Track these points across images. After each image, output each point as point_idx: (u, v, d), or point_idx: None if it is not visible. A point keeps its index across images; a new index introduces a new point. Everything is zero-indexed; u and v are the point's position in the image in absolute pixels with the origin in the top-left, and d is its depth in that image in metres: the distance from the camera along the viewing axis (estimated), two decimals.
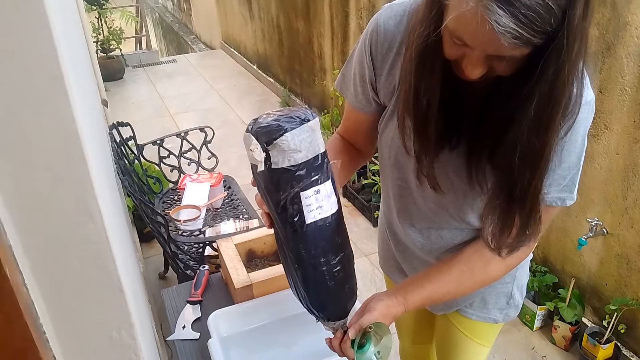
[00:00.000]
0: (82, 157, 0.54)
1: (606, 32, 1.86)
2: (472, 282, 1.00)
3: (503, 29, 0.66)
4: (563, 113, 0.76)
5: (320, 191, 0.80)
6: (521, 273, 1.19)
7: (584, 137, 0.86)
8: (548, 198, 0.90)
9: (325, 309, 0.93)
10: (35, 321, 0.56)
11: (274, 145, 0.76)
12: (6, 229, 0.53)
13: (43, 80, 0.50)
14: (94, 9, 5.56)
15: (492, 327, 1.24)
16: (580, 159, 0.88)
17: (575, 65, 0.72)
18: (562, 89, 0.73)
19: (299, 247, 0.84)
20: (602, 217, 2.06)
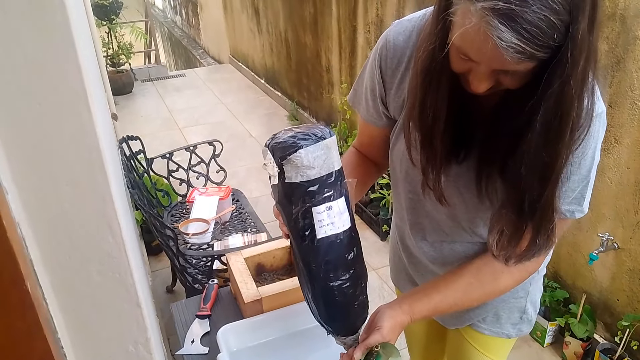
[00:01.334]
0: (103, 171, 0.55)
1: (616, 46, 1.86)
2: (480, 293, 0.99)
3: (506, 44, 0.67)
4: (573, 126, 0.76)
5: (332, 207, 0.83)
6: (535, 288, 1.18)
7: (595, 150, 0.86)
8: (557, 211, 0.87)
9: (334, 323, 0.94)
10: (53, 336, 0.56)
11: (288, 160, 0.79)
12: (28, 244, 0.53)
13: (68, 96, 0.51)
14: (104, 24, 5.64)
15: (504, 343, 1.23)
16: (590, 172, 0.87)
17: (582, 79, 0.72)
18: (569, 102, 0.73)
19: (310, 260, 0.86)
20: (613, 232, 2.04)
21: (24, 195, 0.54)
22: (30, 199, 0.54)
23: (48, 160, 0.54)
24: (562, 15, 0.66)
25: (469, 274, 0.99)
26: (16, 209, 0.53)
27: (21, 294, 0.49)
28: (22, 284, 0.48)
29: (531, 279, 1.14)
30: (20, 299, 0.49)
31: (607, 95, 1.94)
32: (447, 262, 1.10)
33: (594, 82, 0.77)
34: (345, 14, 3.74)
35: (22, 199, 0.54)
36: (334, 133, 0.86)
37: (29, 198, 0.54)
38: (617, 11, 1.83)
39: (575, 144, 0.80)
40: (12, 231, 0.49)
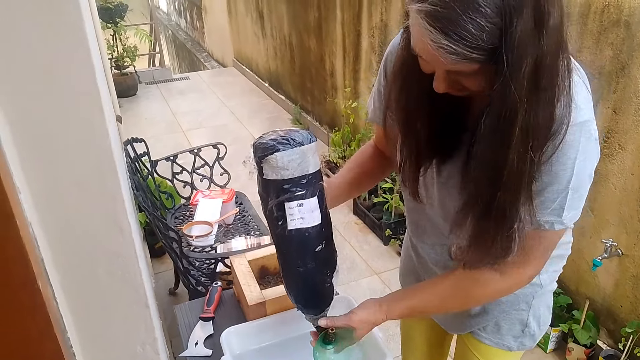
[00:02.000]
0: (114, 172, 0.55)
1: (620, 52, 1.86)
2: (455, 302, 1.04)
3: (436, 45, 0.70)
4: (529, 132, 0.74)
5: (303, 205, 0.94)
6: (538, 302, 1.15)
7: (575, 161, 0.82)
8: (536, 222, 0.86)
9: (301, 302, 1.07)
10: (63, 335, 0.56)
11: (266, 160, 0.92)
12: (39, 244, 0.54)
13: (81, 97, 0.52)
14: (109, 26, 5.66)
15: (506, 355, 1.21)
16: (570, 183, 0.84)
17: (534, 83, 0.71)
18: (512, 106, 0.71)
19: (281, 246, 1.00)
20: (617, 238, 2.04)
21: (36, 196, 0.54)
22: (42, 199, 0.54)
23: (60, 160, 0.54)
24: (491, 18, 0.66)
25: (447, 281, 1.01)
26: (29, 209, 0.53)
27: (32, 293, 0.49)
28: (33, 283, 0.49)
29: (534, 293, 1.12)
30: (32, 298, 0.49)
31: (611, 101, 1.94)
32: (448, 265, 1.10)
33: (569, 89, 0.76)
34: (349, 19, 3.75)
35: (34, 199, 0.54)
36: (315, 140, 0.97)
37: (41, 198, 0.54)
38: (622, 17, 1.83)
39: (545, 151, 0.79)
40: (25, 231, 0.49)
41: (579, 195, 0.86)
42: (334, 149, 3.91)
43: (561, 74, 0.75)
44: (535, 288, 1.11)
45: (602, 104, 1.98)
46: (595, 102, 1.37)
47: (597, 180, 2.07)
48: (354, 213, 3.48)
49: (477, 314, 1.16)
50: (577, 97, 0.80)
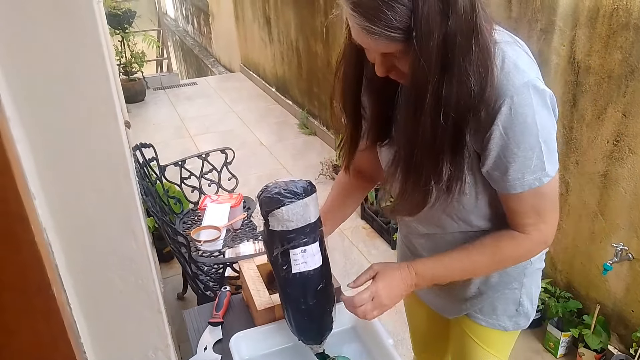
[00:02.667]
0: (128, 178, 0.55)
1: (629, 55, 1.85)
2: (490, 261, 1.05)
3: (361, 27, 0.80)
4: (437, 99, 0.83)
5: (306, 250, 1.02)
6: (530, 281, 1.20)
7: (535, 117, 0.88)
8: (525, 182, 0.93)
9: (303, 335, 1.15)
10: (76, 340, 0.56)
11: (272, 214, 0.99)
12: (54, 249, 0.54)
13: (96, 103, 0.52)
14: (117, 32, 5.70)
15: (502, 336, 1.25)
16: (539, 137, 0.90)
17: (440, 57, 0.79)
18: (423, 76, 0.81)
19: (286, 289, 1.08)
20: (628, 242, 2.02)
21: (50, 201, 0.54)
22: (56, 205, 0.55)
23: (75, 166, 0.54)
24: (402, 1, 0.76)
25: (482, 242, 1.05)
26: (43, 214, 0.54)
27: (47, 299, 0.49)
28: (48, 289, 0.49)
29: (524, 270, 1.17)
30: (46, 304, 0.50)
31: (621, 104, 1.93)
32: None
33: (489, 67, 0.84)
34: None
35: (49, 205, 0.55)
36: (315, 189, 1.05)
37: (55, 204, 0.54)
38: (631, 20, 1.82)
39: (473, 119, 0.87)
40: (40, 237, 0.49)
41: (551, 143, 0.93)
42: None
43: (475, 53, 0.82)
44: (525, 265, 1.16)
45: (612, 108, 1.97)
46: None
47: (607, 184, 2.06)
48: (361, 217, 3.48)
49: (472, 296, 1.19)
50: (519, 62, 0.88)
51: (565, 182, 2.26)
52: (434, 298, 1.32)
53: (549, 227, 1.01)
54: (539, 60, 2.25)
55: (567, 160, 2.22)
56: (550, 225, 1.01)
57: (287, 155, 4.55)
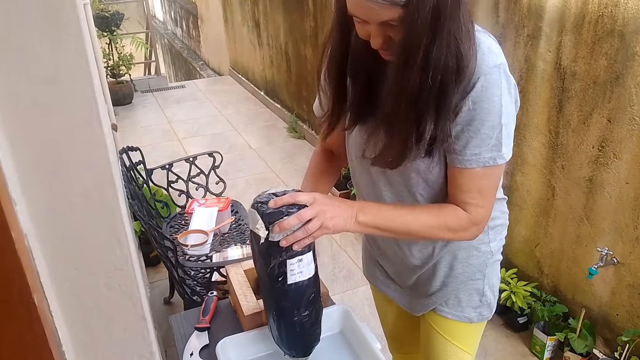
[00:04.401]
0: (112, 183, 0.55)
1: (614, 61, 1.88)
2: (429, 221, 1.06)
3: None
4: (427, 58, 0.88)
5: (302, 260, 1.02)
6: (491, 272, 1.25)
7: (501, 98, 0.94)
8: (481, 159, 0.98)
9: (293, 347, 1.15)
10: (58, 349, 0.55)
11: (274, 225, 0.97)
12: (35, 256, 0.53)
13: (79, 108, 0.51)
14: (105, 35, 5.66)
15: (468, 328, 1.28)
16: (502, 118, 0.95)
17: (433, 20, 0.85)
18: (418, 33, 0.86)
19: (279, 301, 1.06)
20: (613, 247, 2.04)
21: (32, 207, 0.53)
22: (38, 210, 0.54)
23: (57, 171, 0.53)
24: None
25: (428, 206, 1.10)
26: (24, 220, 0.53)
27: (28, 306, 0.48)
28: (29, 296, 0.48)
29: (487, 261, 1.22)
30: (27, 312, 0.49)
31: (606, 110, 1.95)
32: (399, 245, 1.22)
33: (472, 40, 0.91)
34: None
35: (30, 211, 0.54)
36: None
37: (37, 210, 0.54)
38: (616, 27, 1.85)
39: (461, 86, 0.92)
40: (20, 243, 0.48)
41: (510, 130, 0.99)
42: None
43: (461, 23, 0.89)
44: (487, 256, 1.22)
45: (597, 113, 2.00)
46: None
47: (592, 188, 2.08)
48: None
49: (436, 290, 1.24)
50: (492, 47, 0.96)
51: (551, 186, 2.28)
52: (400, 296, 1.36)
53: (485, 211, 1.06)
54: (526, 65, 2.28)
55: (553, 165, 2.24)
56: (486, 209, 1.06)
57: (276, 158, 4.54)
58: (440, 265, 1.22)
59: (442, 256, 1.21)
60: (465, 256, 1.21)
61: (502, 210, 1.25)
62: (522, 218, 2.48)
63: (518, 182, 2.44)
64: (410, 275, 1.28)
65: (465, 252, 1.20)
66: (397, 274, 1.33)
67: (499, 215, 1.23)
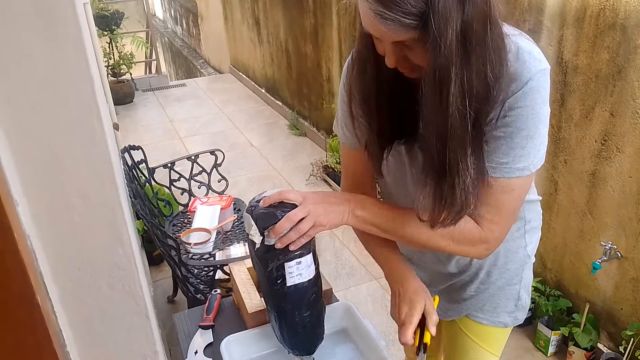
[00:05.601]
0: (113, 183, 0.55)
1: (616, 55, 1.87)
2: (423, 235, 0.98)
3: (374, 12, 0.77)
4: (462, 89, 0.80)
5: (301, 262, 1.01)
6: (527, 274, 1.21)
7: (543, 106, 0.88)
8: (505, 169, 0.90)
9: (295, 347, 1.15)
10: (62, 349, 0.55)
11: (269, 230, 0.95)
12: (37, 257, 0.53)
13: (79, 108, 0.51)
14: (105, 34, 5.66)
15: (501, 333, 1.25)
16: (539, 128, 0.89)
17: (460, 45, 0.77)
18: (445, 65, 0.77)
19: (280, 302, 1.06)
20: (616, 241, 2.04)
21: (34, 208, 0.53)
22: (40, 211, 0.53)
23: (59, 172, 0.53)
24: None
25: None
26: (26, 221, 0.53)
27: (31, 307, 0.48)
28: (32, 297, 0.48)
29: (524, 265, 1.18)
30: (30, 313, 0.48)
31: (608, 104, 1.94)
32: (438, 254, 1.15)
33: (502, 59, 0.83)
34: (345, 25, 3.76)
35: (32, 211, 0.54)
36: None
37: (39, 210, 0.53)
38: (618, 20, 1.84)
39: (498, 105, 0.85)
40: (23, 244, 0.48)
41: (543, 138, 0.91)
42: (332, 154, 3.91)
43: (490, 43, 0.81)
44: (525, 260, 1.18)
45: (600, 107, 1.99)
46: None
47: (595, 182, 2.07)
48: None
49: (470, 296, 1.19)
50: (533, 51, 0.89)
51: (554, 181, 2.27)
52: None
53: (499, 230, 0.97)
54: None
55: (555, 160, 2.24)
56: (501, 227, 0.96)
57: (277, 156, 4.54)
58: (479, 273, 1.16)
59: (482, 264, 1.15)
60: (503, 262, 1.15)
61: (537, 211, 1.19)
62: None
63: None
64: (443, 282, 1.23)
65: (504, 258, 1.15)
66: (428, 278, 1.26)
67: (535, 217, 1.18)
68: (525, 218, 1.15)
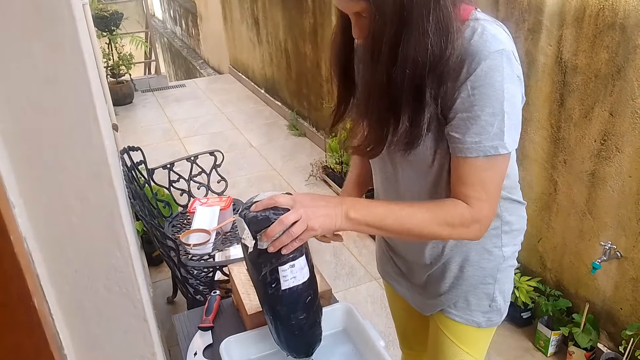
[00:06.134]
0: (111, 185, 0.54)
1: (616, 55, 1.87)
2: (426, 217, 1.00)
3: None
4: (393, 52, 0.89)
5: (295, 265, 1.00)
6: (503, 277, 1.22)
7: (503, 84, 0.92)
8: (481, 147, 0.94)
9: (293, 349, 1.15)
10: (60, 352, 0.55)
11: (261, 233, 0.95)
12: (34, 259, 0.53)
13: (76, 110, 0.51)
14: (104, 34, 5.66)
15: (476, 333, 1.26)
16: (504, 106, 0.92)
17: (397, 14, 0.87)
18: (380, 28, 0.89)
19: (275, 306, 1.05)
20: (616, 241, 2.04)
21: (30, 210, 0.53)
22: (37, 213, 0.53)
23: (56, 174, 0.53)
24: None
25: (424, 202, 1.07)
26: (23, 223, 0.52)
27: (28, 310, 0.48)
28: (29, 300, 0.48)
29: (498, 266, 1.19)
30: (27, 315, 0.48)
31: (607, 104, 1.94)
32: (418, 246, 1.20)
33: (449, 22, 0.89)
34: None
35: (28, 213, 0.53)
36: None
37: (35, 212, 0.53)
38: (617, 20, 1.84)
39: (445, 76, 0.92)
40: (19, 246, 0.48)
41: (515, 118, 0.95)
42: (331, 154, 3.91)
43: (435, 14, 0.88)
44: (499, 260, 1.18)
45: (599, 107, 1.99)
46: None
47: (595, 182, 2.07)
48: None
49: (446, 290, 1.21)
50: (497, 34, 0.93)
51: (553, 181, 2.27)
52: (411, 294, 1.34)
53: (488, 207, 1.00)
54: (527, 59, 2.27)
55: (555, 160, 2.23)
56: (489, 205, 1.00)
57: (277, 156, 4.54)
58: (450, 266, 1.19)
59: (452, 256, 1.18)
60: (476, 259, 1.18)
61: (521, 215, 1.22)
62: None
63: (520, 177, 2.42)
64: (421, 274, 1.26)
65: (477, 255, 1.17)
66: (409, 272, 1.31)
67: (517, 220, 1.20)
68: (502, 217, 1.16)
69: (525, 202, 1.22)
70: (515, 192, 1.19)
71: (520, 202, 1.20)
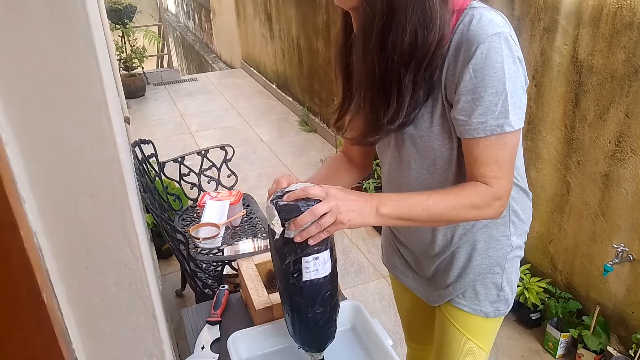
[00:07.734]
0: (122, 182, 0.54)
1: (633, 55, 1.84)
2: (452, 202, 1.03)
3: None
4: (383, 37, 0.95)
5: (318, 258, 1.01)
6: (510, 266, 1.23)
7: (503, 64, 0.95)
8: (487, 127, 0.97)
9: (307, 343, 1.15)
10: (68, 347, 0.55)
11: (290, 222, 0.96)
12: (44, 254, 0.53)
13: (89, 106, 0.51)
14: (117, 27, 5.69)
15: (484, 323, 1.26)
16: (506, 85, 0.95)
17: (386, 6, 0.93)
18: (367, 18, 0.95)
19: (294, 296, 1.06)
20: (629, 243, 2.01)
21: (41, 205, 0.53)
22: (47, 208, 0.53)
23: (67, 169, 0.53)
24: None
25: (447, 188, 1.08)
26: (33, 218, 0.52)
27: (37, 305, 0.48)
28: (38, 295, 0.48)
29: (506, 255, 1.20)
30: (36, 310, 0.48)
31: (623, 105, 1.91)
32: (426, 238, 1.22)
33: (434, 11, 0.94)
34: None
35: (39, 209, 0.53)
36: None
37: (46, 208, 0.53)
38: (635, 20, 1.81)
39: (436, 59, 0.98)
40: (29, 241, 0.48)
41: (517, 97, 0.98)
42: None
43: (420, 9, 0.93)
44: (507, 249, 1.20)
45: (614, 108, 1.96)
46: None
47: (608, 184, 2.04)
48: None
49: (454, 281, 1.23)
50: (495, 19, 0.97)
51: (566, 182, 2.25)
52: (418, 286, 1.35)
53: (506, 183, 1.04)
54: (542, 59, 2.24)
55: (568, 161, 2.21)
56: (506, 181, 1.04)
57: (287, 152, 4.54)
58: (459, 255, 1.20)
59: (461, 245, 1.19)
60: (484, 248, 1.19)
61: (528, 205, 1.23)
62: (536, 214, 2.44)
63: (532, 177, 2.40)
64: (429, 264, 1.27)
65: (485, 244, 1.19)
66: (416, 263, 1.32)
67: (524, 210, 1.22)
68: (510, 206, 1.18)
69: (531, 193, 1.24)
70: (521, 179, 1.20)
71: (526, 191, 1.22)
